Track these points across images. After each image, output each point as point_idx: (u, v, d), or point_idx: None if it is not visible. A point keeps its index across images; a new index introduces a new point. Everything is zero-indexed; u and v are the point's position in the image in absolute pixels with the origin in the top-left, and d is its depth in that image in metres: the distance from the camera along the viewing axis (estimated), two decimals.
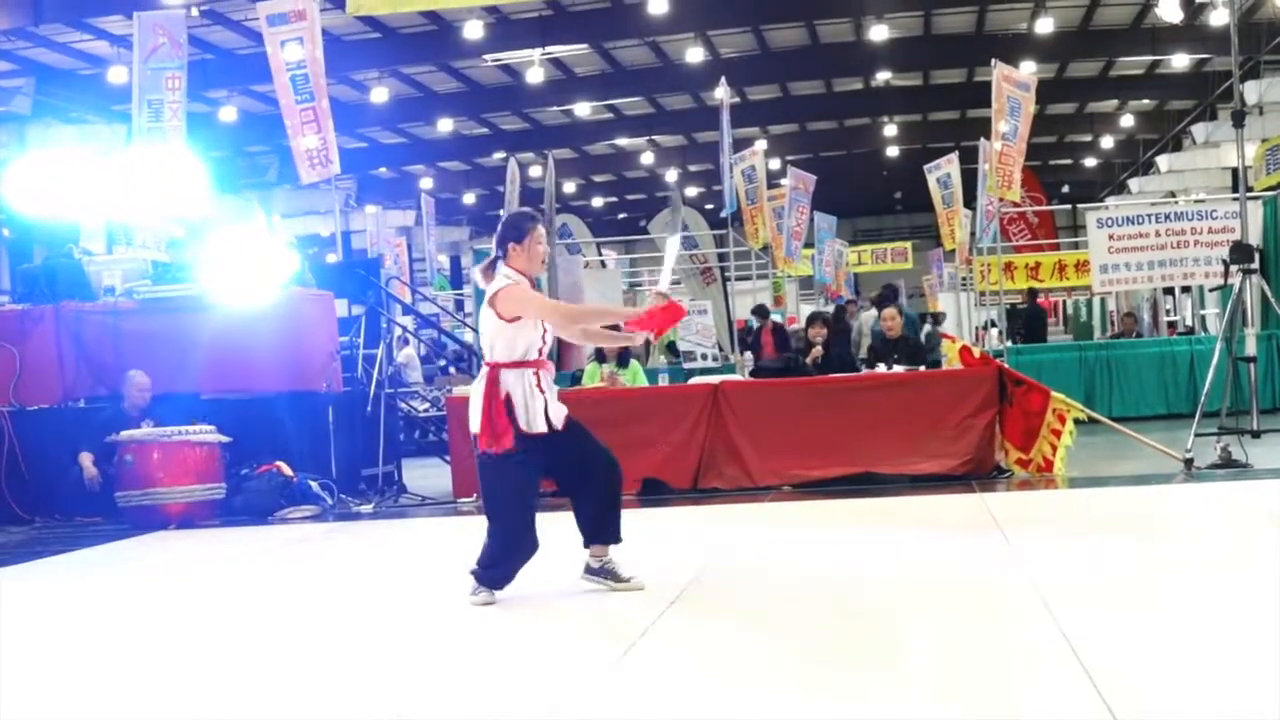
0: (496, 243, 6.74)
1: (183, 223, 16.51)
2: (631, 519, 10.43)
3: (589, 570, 6.87)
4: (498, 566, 6.64)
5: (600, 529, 6.83)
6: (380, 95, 29.03)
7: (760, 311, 19.58)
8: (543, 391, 6.60)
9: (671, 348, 20.06)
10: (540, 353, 6.65)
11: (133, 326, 12.48)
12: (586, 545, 6.88)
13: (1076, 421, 11.25)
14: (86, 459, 11.53)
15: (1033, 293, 23.71)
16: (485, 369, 6.61)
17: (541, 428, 6.55)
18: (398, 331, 17.53)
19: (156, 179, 14.10)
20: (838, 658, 5.25)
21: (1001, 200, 18.46)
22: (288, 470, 11.69)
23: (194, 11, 21.02)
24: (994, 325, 23.55)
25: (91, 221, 15.41)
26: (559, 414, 6.66)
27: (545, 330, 6.64)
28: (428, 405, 17.22)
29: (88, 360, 12.58)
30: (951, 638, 5.44)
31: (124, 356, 12.21)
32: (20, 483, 12.06)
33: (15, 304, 13.82)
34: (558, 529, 6.88)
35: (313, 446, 12.24)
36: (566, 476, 6.85)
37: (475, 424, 6.55)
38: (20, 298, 13.79)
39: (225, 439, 11.40)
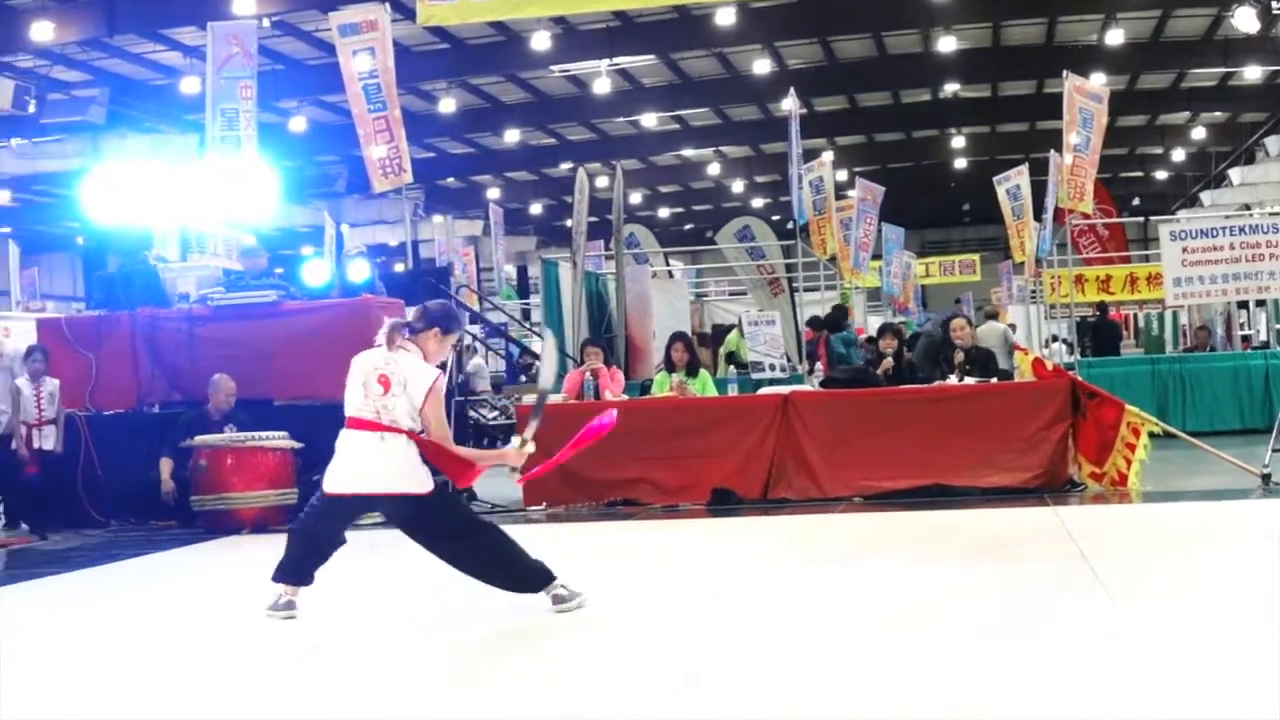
0: (425, 318, 6.90)
1: (254, 231, 16.68)
2: (701, 528, 10.52)
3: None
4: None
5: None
6: (448, 105, 29.17)
7: (814, 323, 19.48)
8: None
9: (731, 358, 19.99)
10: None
11: (207, 333, 12.60)
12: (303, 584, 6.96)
13: (1151, 435, 11.12)
14: (165, 468, 11.62)
15: (1103, 306, 23.49)
16: (407, 438, 6.67)
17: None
18: (467, 340, 17.60)
19: (230, 187, 14.25)
20: (910, 673, 5.20)
21: (1071, 212, 18.31)
22: None
23: (265, 22, 21.20)
24: (1055, 340, 23.34)
25: (165, 229, 15.60)
26: None
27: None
28: (496, 413, 17.29)
29: (163, 366, 12.70)
30: (1029, 655, 5.38)
31: (198, 363, 12.32)
32: (97, 487, 12.22)
33: (91, 310, 13.99)
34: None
35: None
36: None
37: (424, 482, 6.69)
38: (96, 304, 13.96)
39: (297, 445, 11.48)
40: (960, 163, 39.98)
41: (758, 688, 5.05)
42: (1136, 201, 46.89)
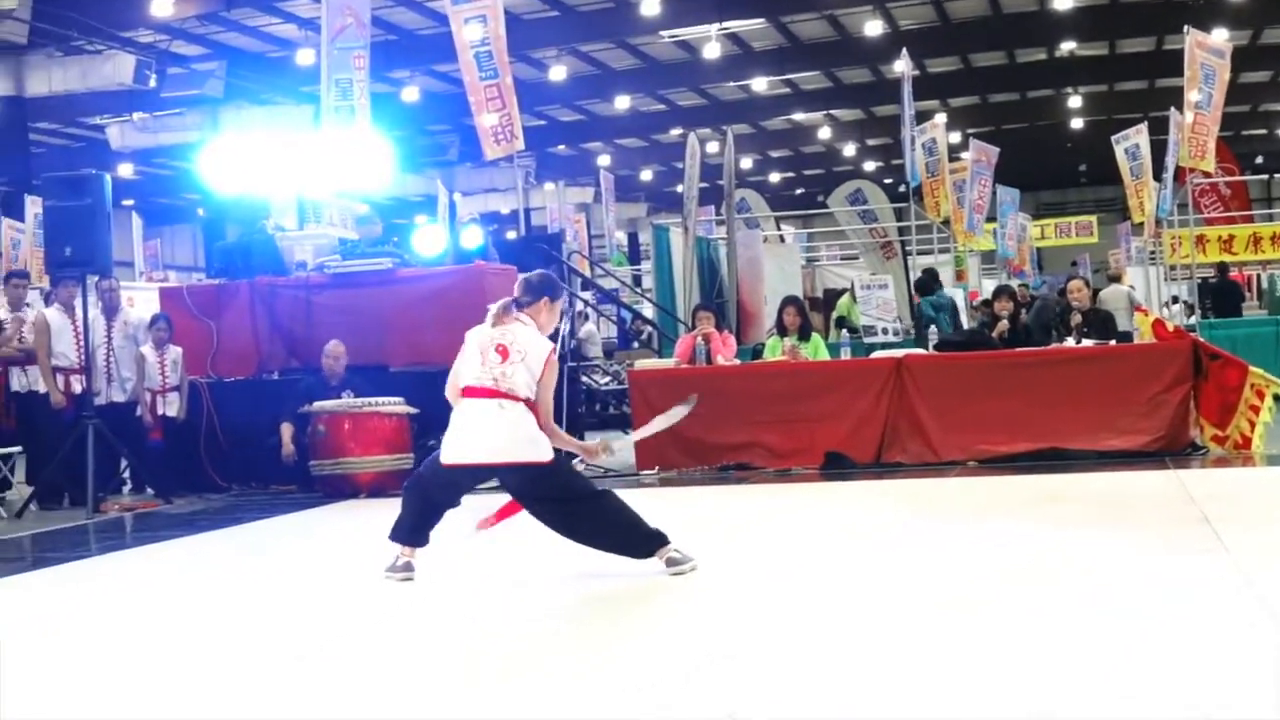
0: (531, 290, 6.93)
1: (369, 200, 16.88)
2: (813, 493, 10.49)
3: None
4: None
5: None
6: (558, 73, 29.24)
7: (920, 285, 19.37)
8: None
9: (842, 323, 19.85)
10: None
11: (324, 300, 12.78)
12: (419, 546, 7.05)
13: (1275, 397, 10.90)
14: (286, 432, 11.81)
15: (1223, 267, 23.02)
16: (525, 405, 6.70)
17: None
18: (579, 306, 17.68)
19: (345, 157, 14.41)
20: (1026, 641, 5.15)
21: (1192, 171, 17.94)
22: None
23: None
24: (1175, 301, 22.90)
25: (282, 199, 15.84)
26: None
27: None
28: (608, 379, 17.35)
29: (282, 333, 12.92)
30: (1149, 621, 5.30)
31: (316, 329, 12.50)
32: (219, 452, 12.46)
33: (212, 279, 14.24)
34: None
35: None
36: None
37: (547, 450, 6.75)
38: (216, 273, 14.22)
39: (413, 410, 11.62)
40: (1077, 123, 39.30)
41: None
42: (1260, 159, 45.83)
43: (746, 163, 42.00)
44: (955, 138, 32.13)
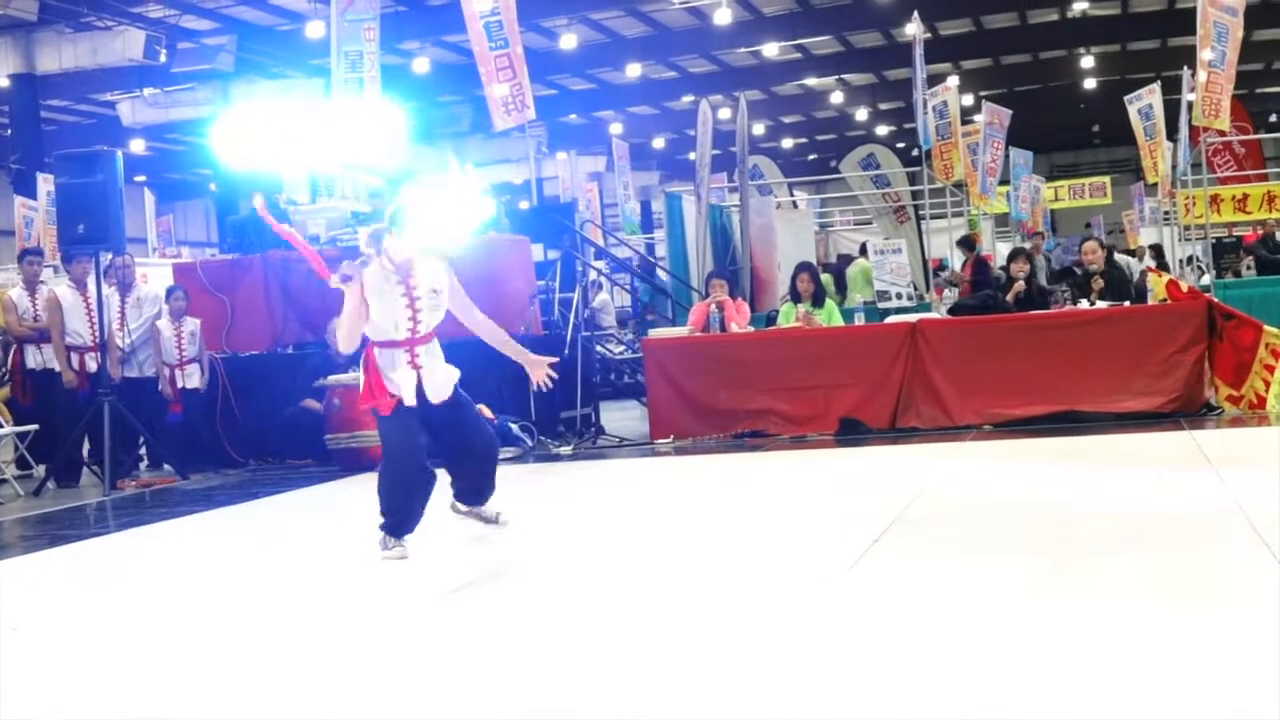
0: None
1: (381, 173, 16.89)
2: (829, 459, 10.49)
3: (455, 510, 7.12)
4: (396, 513, 6.74)
5: (472, 495, 7.09)
6: (569, 42, 29.12)
7: (966, 243, 19.35)
8: (414, 366, 6.70)
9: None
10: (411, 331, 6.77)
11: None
12: (457, 499, 7.12)
13: None
14: (314, 405, 11.87)
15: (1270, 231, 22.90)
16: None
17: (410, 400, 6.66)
18: (592, 275, 17.68)
19: (356, 129, 14.40)
20: (1046, 588, 5.16)
21: (1206, 130, 17.83)
22: (488, 413, 11.85)
23: None
24: (1190, 261, 22.78)
25: (294, 173, 15.85)
26: (436, 388, 6.73)
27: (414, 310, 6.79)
28: (623, 348, 17.36)
29: (295, 307, 12.96)
30: (1164, 570, 5.32)
31: (330, 303, 12.48)
32: (235, 427, 12.51)
33: (225, 254, 14.26)
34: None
35: (513, 389, 12.41)
36: (445, 449, 6.98)
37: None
38: (229, 248, 14.24)
39: None
40: (1090, 83, 39.05)
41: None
42: (1274, 117, 45.55)
43: (759, 129, 41.81)
44: (968, 100, 31.96)
